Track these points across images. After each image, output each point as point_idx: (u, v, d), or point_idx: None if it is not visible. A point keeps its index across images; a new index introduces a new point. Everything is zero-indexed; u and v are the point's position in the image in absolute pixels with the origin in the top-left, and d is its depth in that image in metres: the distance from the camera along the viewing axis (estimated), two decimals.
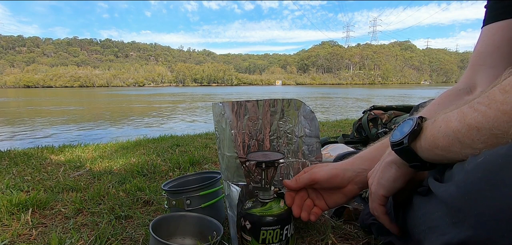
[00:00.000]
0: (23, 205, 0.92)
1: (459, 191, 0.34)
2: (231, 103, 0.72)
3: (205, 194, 0.75)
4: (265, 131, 0.76)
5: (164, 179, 1.20)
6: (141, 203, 0.96)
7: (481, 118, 0.33)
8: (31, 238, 0.75)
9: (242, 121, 0.73)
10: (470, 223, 0.33)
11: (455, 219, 0.35)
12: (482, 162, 0.33)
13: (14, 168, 1.41)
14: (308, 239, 0.69)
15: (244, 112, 0.73)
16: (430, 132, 0.41)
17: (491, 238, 0.30)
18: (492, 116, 0.32)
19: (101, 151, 1.89)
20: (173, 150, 1.78)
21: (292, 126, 0.77)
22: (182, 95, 24.31)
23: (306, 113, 0.75)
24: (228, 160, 0.62)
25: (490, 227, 0.30)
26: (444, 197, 0.37)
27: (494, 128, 0.32)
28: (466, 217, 0.33)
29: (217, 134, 0.67)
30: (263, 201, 0.62)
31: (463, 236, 0.34)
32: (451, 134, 0.37)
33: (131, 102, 15.87)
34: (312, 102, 14.22)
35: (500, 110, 0.32)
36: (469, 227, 0.33)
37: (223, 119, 0.62)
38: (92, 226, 0.80)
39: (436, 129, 0.40)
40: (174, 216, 0.69)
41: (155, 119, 8.45)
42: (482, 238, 0.31)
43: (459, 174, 0.35)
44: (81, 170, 1.37)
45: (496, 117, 0.32)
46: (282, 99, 0.75)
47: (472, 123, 0.34)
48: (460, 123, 0.36)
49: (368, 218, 0.70)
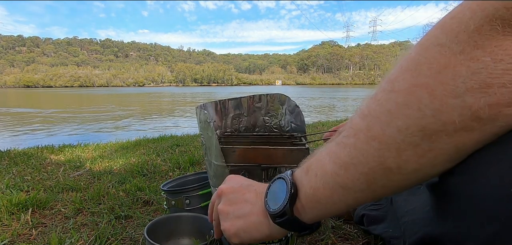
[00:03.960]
0: (23, 205, 0.92)
1: (445, 183, 0.34)
2: (214, 103, 0.71)
3: (204, 193, 0.75)
4: (251, 126, 0.76)
5: (164, 179, 1.20)
6: (141, 203, 0.96)
7: (354, 152, 0.29)
8: (31, 238, 0.75)
9: (226, 120, 0.73)
10: (451, 215, 0.32)
11: (439, 211, 0.34)
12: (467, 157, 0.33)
13: (14, 168, 1.40)
14: (308, 239, 0.69)
15: (227, 110, 0.73)
16: (308, 184, 0.34)
17: (469, 229, 0.30)
18: (363, 147, 0.28)
19: (101, 151, 1.89)
20: (173, 150, 1.78)
21: (278, 121, 0.77)
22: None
23: (291, 108, 0.76)
24: (216, 168, 0.61)
25: (469, 218, 0.30)
26: (432, 187, 0.37)
27: (370, 160, 0.28)
28: (448, 210, 0.33)
29: (203, 141, 0.65)
30: None
31: (444, 228, 0.33)
32: (329, 179, 0.31)
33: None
34: (314, 102, 14.23)
35: (368, 137, 0.28)
36: (450, 219, 0.32)
37: (209, 127, 0.60)
38: (92, 226, 0.80)
39: (314, 178, 0.33)
40: (170, 218, 0.69)
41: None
42: (461, 230, 0.31)
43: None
44: (81, 170, 1.37)
45: (368, 147, 0.28)
46: (266, 94, 0.76)
47: (346, 160, 0.30)
48: (335, 164, 0.31)
49: (359, 210, 0.71)
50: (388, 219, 0.60)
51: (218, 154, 0.58)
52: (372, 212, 0.66)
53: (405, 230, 0.44)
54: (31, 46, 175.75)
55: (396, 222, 0.55)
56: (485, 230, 0.28)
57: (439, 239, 0.34)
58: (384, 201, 0.67)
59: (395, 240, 0.54)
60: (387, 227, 0.58)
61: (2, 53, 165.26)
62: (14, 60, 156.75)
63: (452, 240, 0.32)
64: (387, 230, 0.58)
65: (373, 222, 0.64)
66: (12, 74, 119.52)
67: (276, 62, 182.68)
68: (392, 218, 0.59)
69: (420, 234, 0.38)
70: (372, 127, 0.28)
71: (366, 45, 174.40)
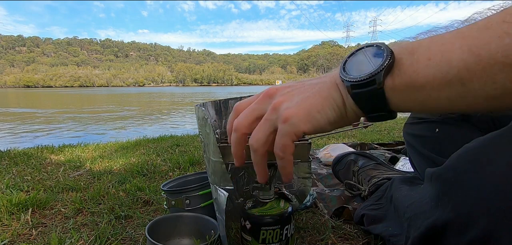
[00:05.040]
0: (23, 205, 0.92)
1: (447, 174, 0.34)
2: (213, 102, 0.71)
3: (204, 193, 0.75)
4: None
5: (164, 179, 1.20)
6: (141, 203, 0.96)
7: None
8: (31, 238, 0.75)
9: (226, 119, 0.73)
10: (452, 204, 0.32)
11: (440, 202, 0.34)
12: (472, 146, 0.32)
13: (14, 168, 1.40)
14: (308, 239, 0.69)
15: (227, 110, 0.73)
16: (410, 65, 0.28)
17: (472, 218, 0.30)
18: None
19: (101, 151, 1.89)
20: (173, 150, 1.78)
21: None
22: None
23: None
24: (214, 165, 0.61)
25: (472, 207, 0.30)
26: (434, 177, 0.36)
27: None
28: (450, 199, 0.33)
29: (202, 138, 0.66)
30: (263, 201, 0.62)
31: (446, 218, 0.33)
32: (450, 70, 0.25)
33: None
34: None
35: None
36: (452, 209, 0.32)
37: (206, 124, 0.60)
38: (92, 226, 0.80)
39: (422, 61, 0.27)
40: (171, 217, 0.69)
41: None
42: (464, 219, 0.31)
43: (450, 159, 0.35)
44: (81, 170, 1.37)
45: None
46: None
47: (497, 55, 0.23)
48: (472, 54, 0.24)
49: (359, 210, 0.71)
50: (388, 218, 0.61)
51: (216, 150, 0.59)
52: (372, 212, 0.67)
53: (409, 226, 0.44)
54: (31, 46, 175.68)
55: (395, 221, 0.56)
56: (487, 219, 0.28)
57: (442, 229, 0.34)
58: (384, 201, 0.67)
59: (394, 238, 0.54)
60: (387, 226, 0.59)
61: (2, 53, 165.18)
62: (14, 60, 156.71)
63: (454, 229, 0.32)
64: (386, 229, 0.58)
65: (372, 222, 0.64)
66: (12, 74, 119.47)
67: (276, 62, 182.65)
68: (391, 216, 0.59)
69: (423, 228, 0.37)
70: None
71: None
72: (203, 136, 0.64)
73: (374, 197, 0.73)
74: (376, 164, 0.92)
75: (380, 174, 0.85)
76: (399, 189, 0.60)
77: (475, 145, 0.32)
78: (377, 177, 0.83)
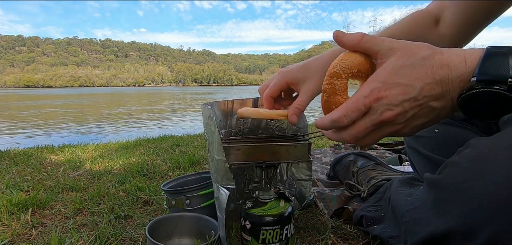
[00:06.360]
0: (23, 204, 0.92)
1: (446, 181, 0.34)
2: (220, 103, 0.72)
3: (204, 193, 0.75)
4: (255, 128, 0.77)
5: (164, 179, 1.20)
6: (141, 203, 0.96)
7: None
8: (31, 238, 0.75)
9: (231, 120, 0.74)
10: (454, 213, 0.32)
11: (441, 210, 0.34)
12: (468, 153, 0.32)
13: (14, 168, 1.40)
14: (308, 239, 0.69)
15: (232, 111, 0.74)
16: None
17: (473, 228, 0.30)
18: None
19: (101, 151, 1.89)
20: (173, 150, 1.78)
21: (280, 124, 0.78)
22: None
23: None
24: (217, 163, 0.61)
25: (473, 216, 0.30)
26: (433, 185, 0.36)
27: None
28: (451, 208, 0.33)
29: (206, 136, 0.66)
30: (263, 201, 0.62)
31: (447, 226, 0.33)
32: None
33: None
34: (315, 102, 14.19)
35: None
36: (454, 218, 0.32)
37: (212, 122, 0.61)
38: (92, 226, 0.80)
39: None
40: (172, 217, 0.69)
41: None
42: (465, 228, 0.31)
43: (449, 165, 0.35)
44: (81, 170, 1.37)
45: None
46: None
47: None
48: None
49: (359, 212, 0.71)
50: (386, 220, 0.61)
51: (219, 148, 0.59)
52: (371, 213, 0.67)
53: (406, 230, 0.44)
54: (31, 46, 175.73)
55: (394, 222, 0.56)
56: (491, 227, 0.28)
57: (443, 237, 0.34)
58: (383, 202, 0.67)
59: (393, 240, 0.54)
60: (385, 227, 0.59)
61: (2, 53, 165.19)
62: (14, 60, 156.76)
63: (457, 238, 0.32)
64: (385, 230, 0.58)
65: (371, 223, 0.64)
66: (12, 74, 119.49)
67: (276, 62, 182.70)
68: (390, 218, 0.59)
69: (422, 234, 0.37)
70: None
71: None
72: (208, 134, 0.65)
73: (373, 199, 0.74)
74: (375, 165, 0.92)
75: (379, 175, 0.85)
76: (398, 191, 0.60)
77: (473, 151, 0.32)
78: (376, 178, 0.83)
